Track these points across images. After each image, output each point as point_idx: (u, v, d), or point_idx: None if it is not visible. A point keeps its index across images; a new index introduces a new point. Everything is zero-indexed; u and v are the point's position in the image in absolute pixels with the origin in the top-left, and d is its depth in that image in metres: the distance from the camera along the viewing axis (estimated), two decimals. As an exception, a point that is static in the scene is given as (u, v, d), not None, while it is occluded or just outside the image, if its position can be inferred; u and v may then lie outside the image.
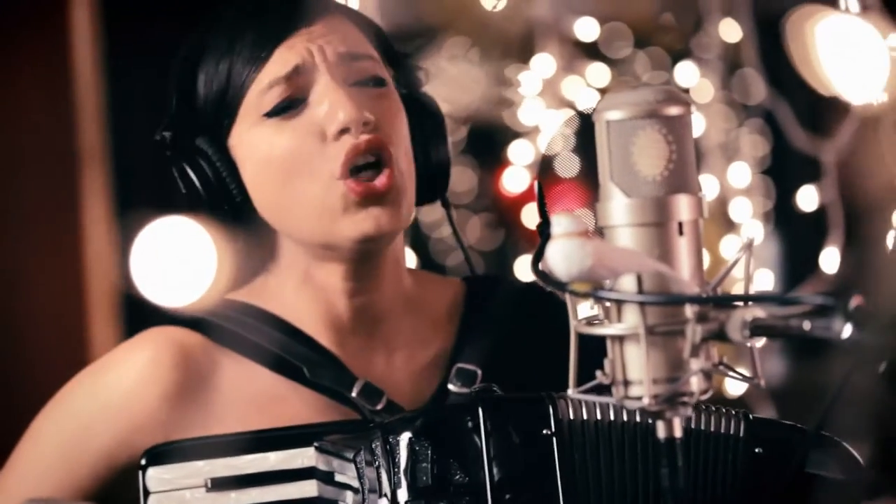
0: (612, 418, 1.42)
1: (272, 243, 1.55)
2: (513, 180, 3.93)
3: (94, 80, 3.07)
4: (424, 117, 1.58)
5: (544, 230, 1.10)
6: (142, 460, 1.45)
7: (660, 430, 1.13)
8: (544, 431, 1.41)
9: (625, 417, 1.42)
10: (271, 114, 1.49)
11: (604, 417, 1.42)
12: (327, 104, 1.48)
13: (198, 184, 1.51)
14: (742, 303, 1.10)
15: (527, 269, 1.11)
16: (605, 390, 1.14)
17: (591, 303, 1.14)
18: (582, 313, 1.18)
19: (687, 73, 3.98)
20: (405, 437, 1.41)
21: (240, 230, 1.52)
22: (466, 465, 1.40)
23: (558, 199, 1.24)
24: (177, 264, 1.47)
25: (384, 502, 1.40)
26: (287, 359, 1.52)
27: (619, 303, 1.12)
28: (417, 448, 1.41)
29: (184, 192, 1.52)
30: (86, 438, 1.51)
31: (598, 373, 1.13)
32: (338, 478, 1.43)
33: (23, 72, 2.99)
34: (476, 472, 1.40)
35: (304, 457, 1.44)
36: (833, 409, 1.20)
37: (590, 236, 1.07)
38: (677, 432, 1.13)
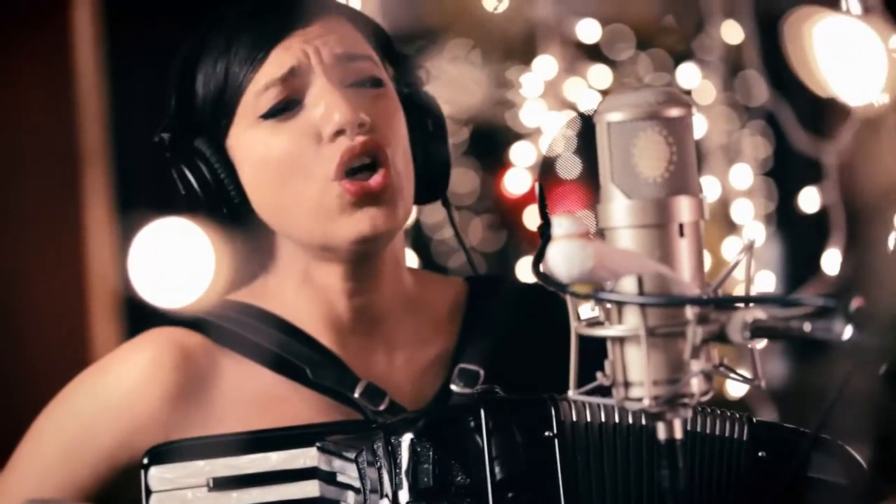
0: (614, 420, 1.42)
1: (271, 244, 1.55)
2: (514, 182, 3.93)
3: (96, 80, 3.07)
4: (424, 116, 1.58)
5: (545, 232, 1.10)
6: (144, 459, 1.45)
7: (660, 431, 1.13)
8: (546, 433, 1.41)
9: (627, 420, 1.42)
10: (267, 115, 1.49)
11: (606, 420, 1.42)
12: (323, 106, 1.48)
13: (196, 185, 1.51)
14: (743, 304, 1.10)
15: (528, 270, 1.11)
16: (606, 392, 1.14)
17: (592, 304, 1.14)
18: (584, 315, 1.18)
19: (689, 74, 3.98)
20: (407, 438, 1.41)
21: (239, 231, 1.52)
22: (468, 466, 1.40)
23: (559, 200, 1.24)
24: (174, 265, 1.46)
25: (385, 503, 1.40)
26: (289, 359, 1.52)
27: (619, 304, 1.12)
28: (419, 449, 1.41)
29: (182, 193, 1.52)
30: (87, 439, 1.51)
31: (599, 374, 1.13)
32: (339, 478, 1.43)
33: (23, 72, 2.99)
34: (477, 473, 1.40)
35: (306, 457, 1.44)
36: (834, 411, 1.19)
37: (590, 238, 1.07)
38: (678, 434, 1.13)
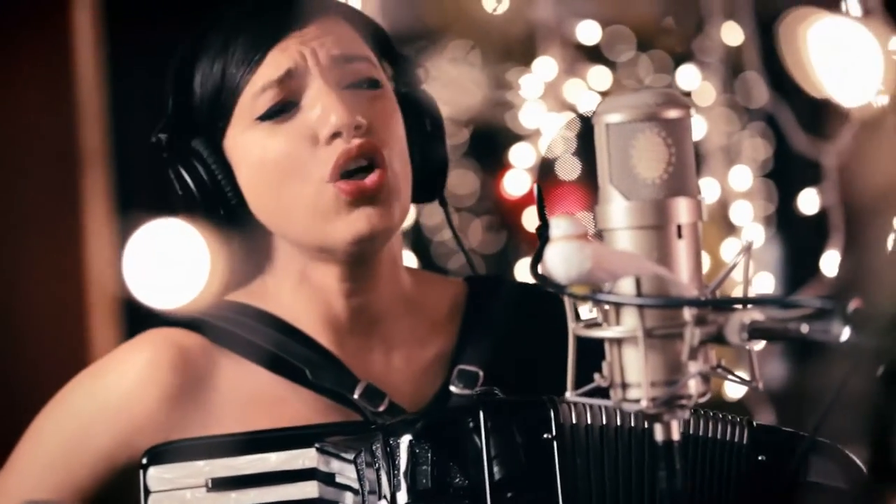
0: (613, 423, 1.42)
1: (268, 245, 1.55)
2: (514, 183, 3.93)
3: (96, 81, 3.07)
4: (421, 116, 1.58)
5: (543, 233, 1.10)
6: (143, 459, 1.45)
7: (658, 432, 1.13)
8: (545, 435, 1.41)
9: (626, 422, 1.42)
10: (264, 117, 1.49)
11: (606, 422, 1.42)
12: (319, 108, 1.48)
13: (192, 185, 1.51)
14: (740, 306, 1.10)
15: (527, 271, 1.11)
16: (604, 393, 1.14)
17: (590, 305, 1.14)
18: (583, 315, 1.18)
19: (689, 76, 3.98)
20: (405, 440, 1.41)
21: (236, 232, 1.52)
22: (466, 467, 1.40)
23: (558, 201, 1.24)
24: (169, 266, 1.46)
25: (383, 504, 1.40)
26: (288, 360, 1.52)
27: (617, 305, 1.12)
28: (418, 451, 1.40)
29: (179, 193, 1.52)
30: (85, 439, 1.51)
31: (597, 375, 1.13)
32: (338, 479, 1.43)
33: (23, 73, 2.99)
34: (476, 475, 1.40)
35: (305, 457, 1.44)
36: (831, 412, 1.20)
37: (589, 239, 1.07)
38: (675, 435, 1.13)
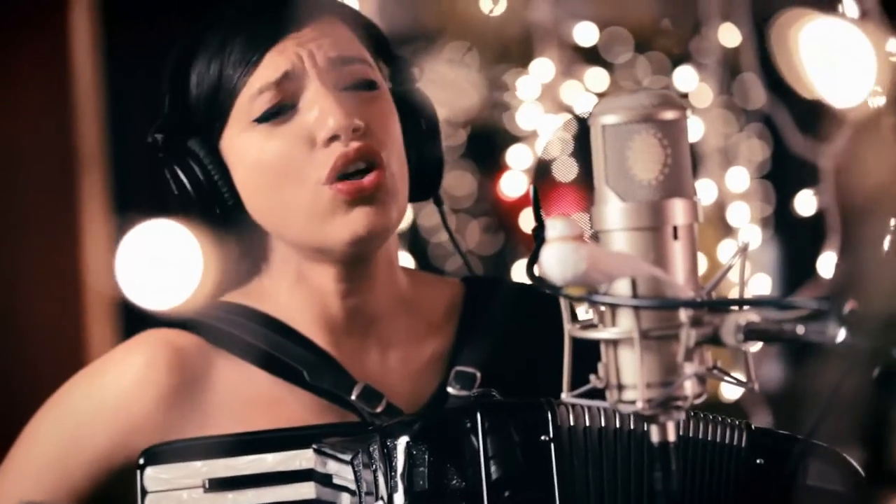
0: (611, 424, 1.41)
1: (265, 245, 1.55)
2: (511, 185, 3.94)
3: (94, 81, 3.07)
4: (417, 115, 1.58)
5: (539, 234, 1.10)
6: (140, 460, 1.44)
7: (653, 434, 1.13)
8: (542, 437, 1.41)
9: (624, 424, 1.41)
10: (261, 119, 1.49)
11: (604, 424, 1.41)
12: (317, 110, 1.48)
13: (188, 185, 1.51)
14: (736, 307, 1.10)
15: (523, 272, 1.11)
16: (600, 395, 1.14)
17: (586, 307, 1.14)
18: (580, 317, 1.18)
19: (686, 77, 3.99)
20: (403, 441, 1.40)
21: (232, 232, 1.52)
22: (463, 469, 1.40)
23: (554, 203, 1.24)
24: (163, 266, 1.46)
25: (379, 505, 1.40)
26: (285, 360, 1.52)
27: (613, 307, 1.12)
28: (415, 452, 1.40)
29: (175, 193, 1.52)
30: (82, 440, 1.51)
31: (592, 377, 1.13)
32: (335, 480, 1.42)
33: (22, 73, 2.99)
34: (473, 476, 1.40)
35: (302, 458, 1.43)
36: (827, 414, 1.20)
37: (584, 240, 1.07)
38: (671, 436, 1.13)
